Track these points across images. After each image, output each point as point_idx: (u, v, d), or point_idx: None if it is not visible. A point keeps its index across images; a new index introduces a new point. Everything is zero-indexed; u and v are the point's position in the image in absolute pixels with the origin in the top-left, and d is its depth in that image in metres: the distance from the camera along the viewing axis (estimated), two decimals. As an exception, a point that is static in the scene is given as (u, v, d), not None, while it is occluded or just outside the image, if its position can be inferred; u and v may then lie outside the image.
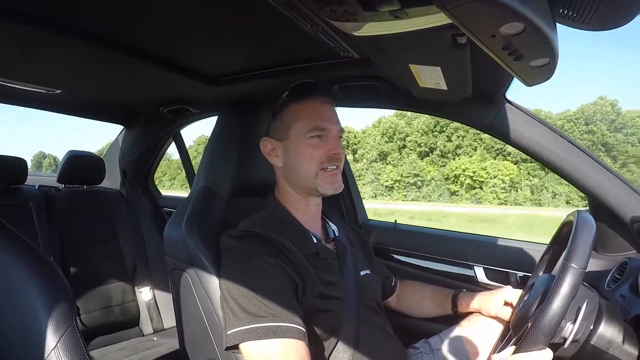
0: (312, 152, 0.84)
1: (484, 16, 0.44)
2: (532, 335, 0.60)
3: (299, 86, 0.89)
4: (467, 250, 1.27)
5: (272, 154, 0.89)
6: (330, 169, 0.85)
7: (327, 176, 0.85)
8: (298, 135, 0.84)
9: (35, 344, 0.51)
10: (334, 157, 0.85)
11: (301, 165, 0.85)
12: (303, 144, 0.84)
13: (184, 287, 0.93)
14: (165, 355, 1.58)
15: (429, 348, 0.99)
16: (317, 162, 0.84)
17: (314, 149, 0.84)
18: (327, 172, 0.85)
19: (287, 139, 0.86)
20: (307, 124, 0.84)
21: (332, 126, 0.86)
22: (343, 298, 0.83)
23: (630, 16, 0.47)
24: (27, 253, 0.57)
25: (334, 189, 0.86)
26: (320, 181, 0.85)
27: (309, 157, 0.84)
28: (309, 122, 0.84)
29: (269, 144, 0.89)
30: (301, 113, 0.85)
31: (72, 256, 1.71)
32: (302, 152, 0.84)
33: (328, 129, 0.85)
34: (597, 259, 1.05)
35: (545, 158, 0.98)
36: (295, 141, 0.85)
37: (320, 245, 0.88)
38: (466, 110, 1.04)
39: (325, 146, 0.84)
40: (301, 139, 0.84)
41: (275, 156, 0.89)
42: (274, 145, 0.88)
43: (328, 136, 0.85)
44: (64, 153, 1.89)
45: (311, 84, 0.89)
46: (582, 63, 68.97)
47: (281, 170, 0.89)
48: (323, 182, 0.85)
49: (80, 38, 0.87)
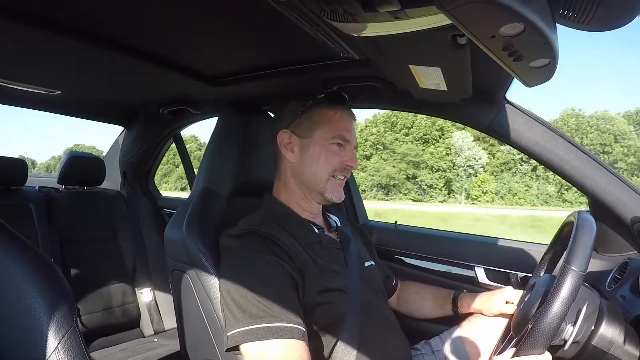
0: (330, 157, 0.88)
1: (484, 17, 0.44)
2: (532, 338, 0.60)
3: (333, 93, 0.93)
4: (467, 250, 1.27)
5: (288, 147, 0.90)
6: (339, 178, 0.90)
7: (337, 184, 0.90)
8: (322, 138, 0.88)
9: (36, 346, 0.51)
10: (347, 168, 0.90)
11: (317, 167, 0.88)
12: (325, 148, 0.88)
13: (184, 288, 0.93)
14: (166, 357, 1.58)
15: (430, 349, 0.99)
16: (332, 168, 0.88)
17: (333, 155, 0.88)
18: (337, 180, 0.89)
19: (310, 137, 0.88)
20: (334, 129, 0.88)
21: (352, 140, 0.91)
22: (346, 289, 0.83)
23: (630, 16, 0.47)
24: (28, 254, 0.57)
25: (338, 197, 0.91)
26: (330, 187, 0.88)
27: (325, 161, 0.87)
28: (336, 128, 0.88)
29: (288, 137, 0.90)
30: (332, 118, 0.89)
31: (72, 257, 1.71)
32: (321, 154, 0.87)
33: (349, 142, 0.90)
34: (598, 260, 1.05)
35: (545, 158, 0.98)
36: (318, 142, 0.88)
37: (322, 234, 0.89)
38: (466, 111, 1.04)
39: (344, 156, 0.89)
40: (324, 142, 0.88)
41: (290, 150, 0.90)
42: (292, 140, 0.90)
43: (347, 148, 0.90)
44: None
45: (342, 95, 0.93)
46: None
47: (292, 166, 0.91)
48: (332, 189, 0.89)
49: (80, 38, 0.87)
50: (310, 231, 0.87)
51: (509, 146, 1.04)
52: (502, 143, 1.11)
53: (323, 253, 0.84)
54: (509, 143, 1.02)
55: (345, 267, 0.87)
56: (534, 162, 4.99)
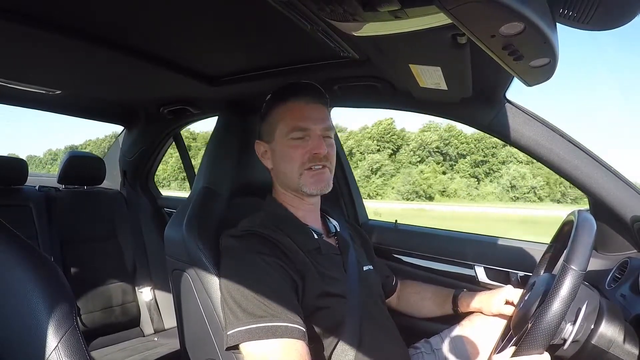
0: (293, 152, 0.85)
1: (484, 16, 0.44)
2: (532, 337, 0.60)
3: (282, 88, 0.90)
4: (467, 249, 1.27)
5: (264, 156, 0.91)
6: (316, 168, 0.86)
7: (312, 175, 0.85)
8: (281, 137, 0.86)
9: (36, 345, 0.51)
10: (315, 156, 0.85)
11: (285, 167, 0.87)
12: (285, 145, 0.85)
13: (184, 288, 0.93)
14: (166, 356, 1.58)
15: (430, 348, 0.99)
16: (298, 163, 0.85)
17: (295, 149, 0.85)
18: (313, 171, 0.85)
19: (273, 140, 0.88)
20: (287, 124, 0.85)
21: (314, 126, 0.85)
22: (345, 295, 0.83)
23: (630, 16, 0.47)
24: (27, 253, 0.57)
25: (319, 188, 0.87)
26: (304, 181, 0.85)
27: (290, 158, 0.85)
28: (289, 122, 0.85)
29: (261, 146, 0.91)
30: (283, 114, 0.86)
31: (72, 256, 1.71)
32: (285, 153, 0.86)
33: (310, 129, 0.85)
34: (598, 259, 1.05)
35: (545, 158, 0.98)
36: (280, 142, 0.86)
37: (321, 240, 0.88)
38: (466, 110, 1.04)
39: (307, 146, 0.85)
40: (284, 140, 0.85)
41: (267, 158, 0.91)
42: (264, 147, 0.90)
43: (311, 135, 0.85)
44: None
45: (295, 85, 0.89)
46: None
47: (272, 172, 0.92)
48: (307, 182, 0.85)
49: (80, 38, 0.87)
50: (309, 237, 0.87)
51: (510, 146, 1.04)
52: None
53: (322, 259, 0.84)
54: (509, 142, 1.02)
55: (344, 274, 0.87)
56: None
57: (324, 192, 0.88)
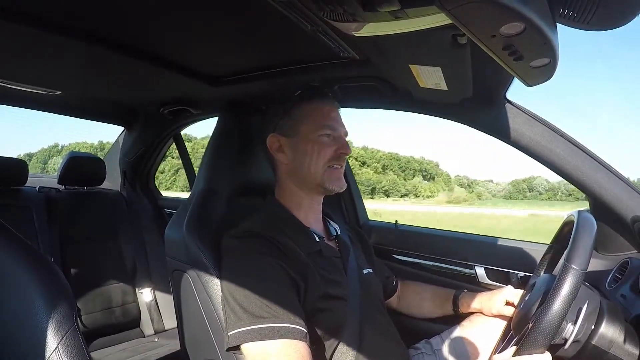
0: (322, 149, 0.87)
1: (484, 16, 0.44)
2: (532, 337, 0.60)
3: (309, 87, 0.93)
4: (467, 250, 1.27)
5: (278, 150, 0.91)
6: (336, 167, 0.89)
7: (334, 174, 0.89)
8: (309, 132, 0.88)
9: (36, 345, 0.51)
10: (342, 156, 0.89)
11: (310, 161, 0.87)
12: (315, 141, 0.88)
13: (185, 288, 0.93)
14: (166, 356, 1.58)
15: (430, 348, 0.99)
16: (326, 159, 0.87)
17: (325, 146, 0.88)
18: (335, 170, 0.89)
19: (297, 135, 0.89)
20: (317, 121, 0.88)
21: (340, 127, 0.90)
22: (346, 297, 0.83)
23: (630, 16, 0.47)
24: (28, 254, 0.57)
25: (340, 186, 0.90)
26: (328, 177, 0.88)
27: (318, 154, 0.87)
28: (320, 120, 0.88)
29: (277, 140, 0.91)
30: (312, 112, 0.89)
31: (72, 257, 1.71)
32: (312, 148, 0.87)
33: (337, 130, 0.90)
34: (598, 259, 1.05)
35: (545, 158, 0.98)
36: (306, 138, 0.88)
37: (323, 243, 0.88)
38: (466, 111, 1.04)
39: (335, 145, 0.88)
40: (312, 136, 0.88)
41: (281, 152, 0.91)
42: (281, 142, 0.90)
43: (336, 136, 0.89)
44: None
45: (320, 88, 0.94)
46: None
47: (286, 167, 0.91)
48: (330, 179, 0.88)
49: (80, 38, 0.87)
50: (311, 239, 0.87)
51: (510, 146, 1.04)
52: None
53: (323, 262, 0.84)
54: (510, 143, 1.01)
55: (345, 276, 0.87)
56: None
57: (340, 191, 0.91)
